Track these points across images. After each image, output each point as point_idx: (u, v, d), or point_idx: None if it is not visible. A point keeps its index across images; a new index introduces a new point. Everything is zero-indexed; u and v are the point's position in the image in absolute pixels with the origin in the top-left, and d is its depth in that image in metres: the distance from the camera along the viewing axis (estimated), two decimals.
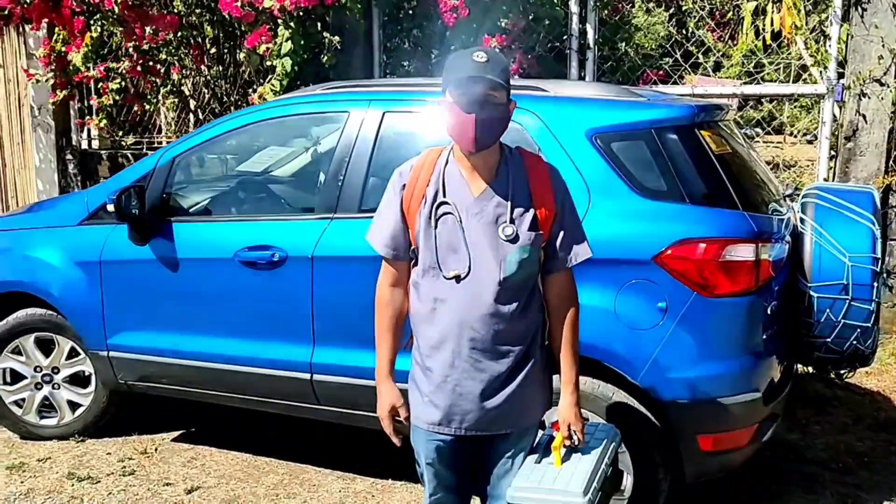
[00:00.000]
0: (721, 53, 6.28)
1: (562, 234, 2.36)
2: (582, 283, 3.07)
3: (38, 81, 6.23)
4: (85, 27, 5.54)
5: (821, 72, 5.64)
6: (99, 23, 5.60)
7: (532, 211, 2.32)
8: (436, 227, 2.31)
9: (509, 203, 2.30)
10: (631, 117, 3.23)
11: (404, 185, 2.37)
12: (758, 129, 6.65)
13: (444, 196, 2.32)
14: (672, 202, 3.10)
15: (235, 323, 3.67)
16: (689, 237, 3.02)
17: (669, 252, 3.02)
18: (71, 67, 5.76)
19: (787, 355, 3.41)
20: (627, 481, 3.16)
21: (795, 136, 7.05)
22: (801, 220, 3.41)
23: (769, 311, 3.15)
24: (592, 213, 3.14)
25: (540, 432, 2.54)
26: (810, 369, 3.74)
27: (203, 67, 6.48)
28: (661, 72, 6.35)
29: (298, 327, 3.52)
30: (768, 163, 6.20)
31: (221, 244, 3.65)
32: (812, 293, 3.28)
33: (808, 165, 6.11)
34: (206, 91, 6.96)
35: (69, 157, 7.40)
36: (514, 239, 2.29)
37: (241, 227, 3.69)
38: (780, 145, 7.42)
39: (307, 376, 3.54)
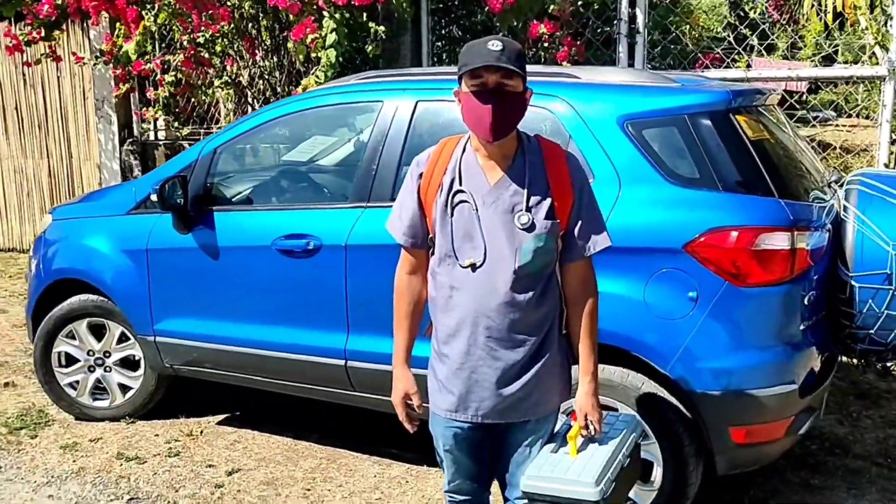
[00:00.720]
0: (776, 36, 6.08)
1: (580, 222, 2.34)
2: (611, 271, 3.08)
3: (84, 65, 6.42)
4: (138, 17, 5.69)
5: (883, 53, 5.43)
6: (151, 13, 5.75)
7: (549, 199, 2.30)
8: (452, 215, 2.32)
9: (525, 191, 2.29)
10: (663, 103, 3.17)
11: (421, 174, 2.38)
12: (832, 112, 6.45)
13: (461, 184, 2.32)
14: (705, 190, 3.04)
15: (273, 310, 3.75)
16: (722, 225, 2.96)
17: (701, 240, 2.96)
18: (122, 57, 5.92)
19: (828, 347, 3.31)
20: (657, 472, 3.13)
21: (869, 119, 6.82)
22: (844, 208, 3.30)
23: (807, 302, 3.07)
24: (623, 202, 3.10)
25: (560, 421, 2.53)
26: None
27: (257, 58, 6.58)
28: (715, 55, 6.20)
29: (333, 314, 3.58)
30: (831, 147, 6.02)
31: (260, 232, 3.73)
32: (853, 283, 3.18)
33: (867, 150, 5.89)
34: (260, 82, 7.08)
35: (130, 148, 7.63)
36: (530, 227, 2.28)
37: (279, 216, 3.76)
38: (852, 129, 7.19)
39: (342, 363, 3.60)
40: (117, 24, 6.37)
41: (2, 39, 6.92)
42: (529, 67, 3.96)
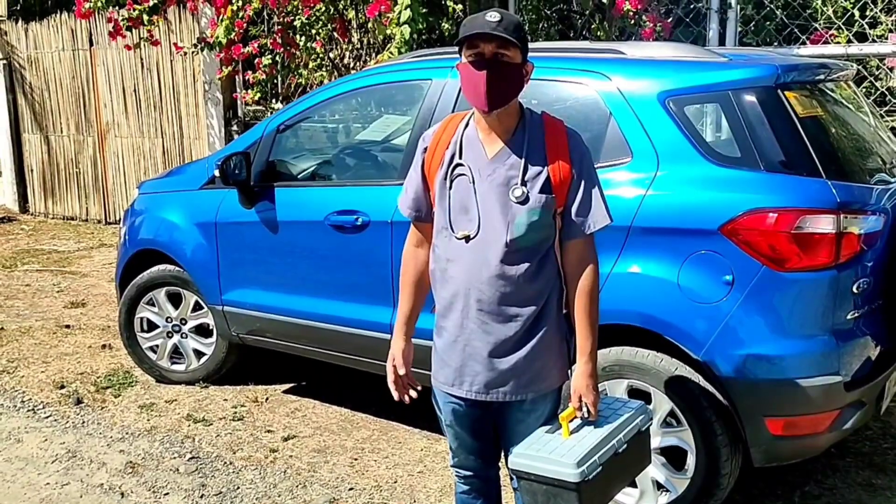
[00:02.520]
0: (882, 8, 5.66)
1: (579, 199, 2.31)
2: (645, 252, 3.02)
3: (185, 54, 6.75)
4: (227, 1, 5.94)
5: None
6: None
7: (546, 174, 2.28)
8: (450, 187, 2.34)
9: (522, 165, 2.28)
10: (706, 79, 3.05)
11: (426, 149, 2.41)
12: None
13: (460, 157, 2.34)
14: (745, 169, 2.91)
15: (326, 283, 3.88)
16: (760, 206, 2.83)
17: (738, 222, 2.85)
18: (216, 42, 6.20)
19: (886, 338, 3.10)
20: (690, 460, 3.05)
21: None
22: None
23: (857, 289, 2.89)
24: (659, 181, 3.02)
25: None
26: None
27: (350, 39, 6.74)
28: (815, 32, 5.85)
29: (380, 289, 3.65)
30: None
31: (315, 208, 3.85)
32: None
33: None
34: (352, 61, 7.25)
35: (234, 127, 7.99)
36: (523, 201, 2.26)
37: (332, 192, 3.87)
38: None
39: (388, 336, 3.64)
40: (222, 13, 6.68)
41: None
42: (574, 43, 3.92)
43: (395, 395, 2.54)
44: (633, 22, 5.83)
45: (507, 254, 2.28)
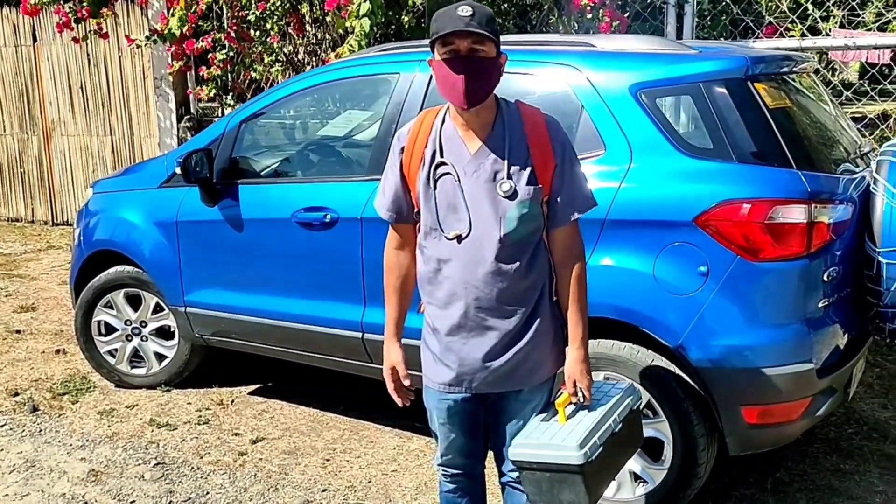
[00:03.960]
0: (834, 2, 5.78)
1: (563, 187, 2.30)
2: (620, 244, 3.01)
3: (137, 47, 6.59)
4: None
5: None
6: None
7: (530, 165, 2.26)
8: (435, 188, 2.29)
9: (506, 159, 2.25)
10: (677, 71, 3.06)
11: (403, 149, 2.36)
12: None
13: (442, 156, 2.29)
14: (718, 161, 2.93)
15: (294, 282, 3.80)
16: (733, 198, 2.85)
17: (711, 213, 2.86)
18: (168, 34, 6.05)
19: (853, 326, 3.16)
20: (667, 451, 3.06)
21: None
22: (874, 180, 3.13)
23: (827, 278, 2.93)
24: (633, 173, 3.02)
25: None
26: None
27: (305, 33, 6.64)
28: (769, 26, 5.94)
29: (350, 287, 3.60)
30: None
31: (280, 205, 3.77)
32: (881, 259, 3.02)
33: None
34: (308, 57, 7.14)
35: (187, 124, 7.81)
36: (512, 195, 2.24)
37: (298, 189, 3.80)
38: None
39: (359, 335, 3.62)
40: (172, 5, 6.51)
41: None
42: (547, 36, 3.91)
43: (399, 402, 2.50)
44: (590, 16, 5.84)
45: (502, 249, 2.25)
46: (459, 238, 2.27)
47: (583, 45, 3.32)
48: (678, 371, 2.99)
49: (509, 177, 2.24)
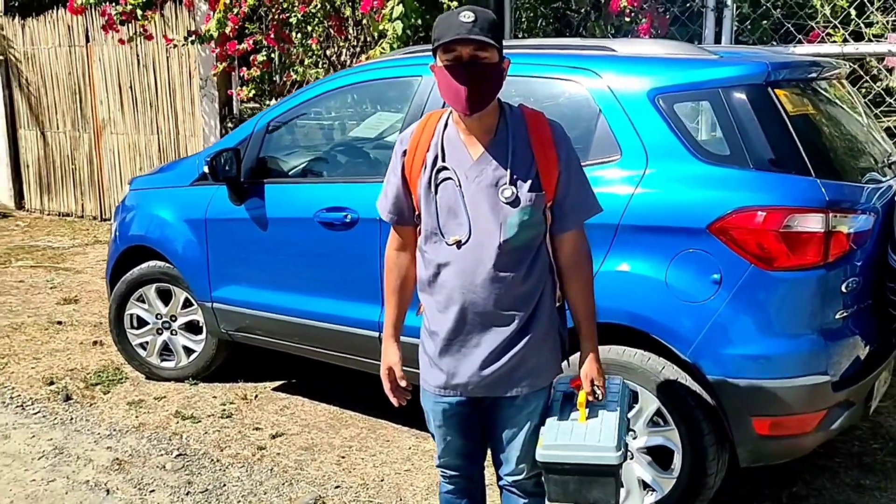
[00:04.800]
0: (878, 7, 5.63)
1: (568, 192, 2.29)
2: (633, 250, 3.00)
3: (175, 46, 6.74)
4: None
5: None
6: None
7: (534, 171, 2.26)
8: (436, 192, 2.30)
9: (509, 165, 2.25)
10: (696, 76, 3.03)
11: (405, 152, 2.37)
12: None
13: (444, 161, 2.30)
14: (734, 167, 2.89)
15: (314, 280, 3.86)
16: (748, 205, 2.80)
17: (725, 221, 2.82)
18: (206, 36, 6.18)
19: (876, 338, 3.08)
20: (676, 460, 3.03)
21: None
22: None
23: (846, 288, 2.87)
24: (648, 179, 3.00)
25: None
26: None
27: (343, 35, 6.72)
28: (812, 32, 5.81)
29: (368, 287, 3.63)
30: None
31: (303, 205, 3.83)
32: None
33: None
34: (349, 59, 7.23)
35: (230, 124, 7.96)
36: (514, 202, 2.24)
37: (321, 189, 3.85)
38: None
39: (376, 334, 3.65)
40: (214, 7, 6.66)
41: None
42: (565, 40, 3.90)
43: (395, 402, 2.52)
44: (629, 20, 5.80)
45: (501, 256, 2.25)
46: (459, 244, 2.28)
47: (603, 50, 3.30)
48: (689, 379, 2.95)
49: (512, 183, 2.24)
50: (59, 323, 5.82)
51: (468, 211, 2.27)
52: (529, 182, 2.25)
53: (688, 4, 5.93)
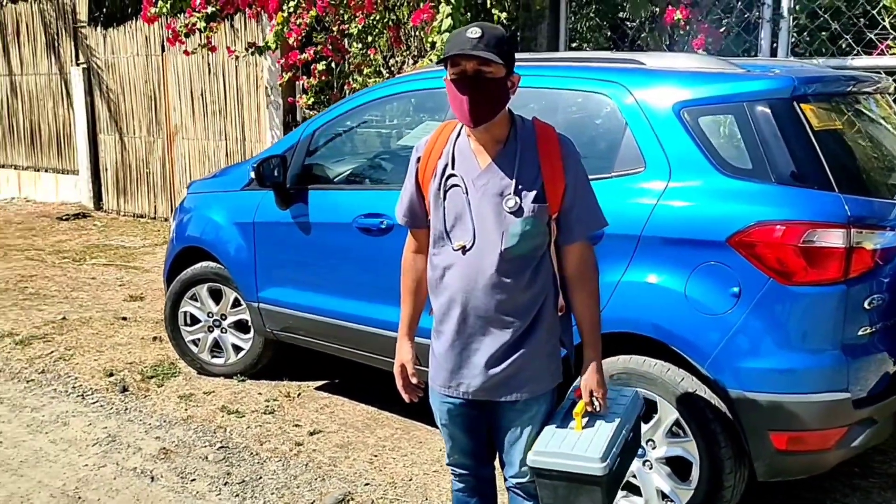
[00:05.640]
0: None
1: (574, 205, 2.36)
2: (653, 262, 3.04)
3: (237, 58, 6.99)
4: (278, 8, 6.16)
5: None
6: (290, 4, 6.19)
7: (539, 183, 2.33)
8: (444, 198, 2.40)
9: (514, 175, 2.33)
10: (722, 90, 3.04)
11: (419, 158, 2.48)
12: None
13: (453, 168, 2.40)
14: (756, 181, 2.90)
15: (352, 284, 3.99)
16: (767, 219, 2.81)
17: (745, 234, 2.84)
18: (265, 47, 6.42)
19: None
20: (694, 472, 3.04)
21: None
22: None
23: (868, 305, 2.84)
24: (670, 191, 3.03)
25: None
26: None
27: (400, 46, 6.89)
28: (870, 41, 5.69)
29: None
30: None
31: (344, 211, 3.97)
32: None
33: None
34: (410, 69, 7.39)
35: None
36: (517, 211, 2.32)
37: (360, 196, 3.99)
38: None
39: None
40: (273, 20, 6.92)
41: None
42: (597, 53, 3.94)
43: (406, 398, 2.63)
44: (682, 32, 5.78)
45: (502, 263, 2.33)
46: (464, 249, 2.37)
47: (631, 63, 3.34)
48: (707, 391, 2.96)
49: (516, 193, 2.32)
50: (124, 319, 6.11)
51: (473, 218, 2.36)
52: (534, 193, 2.32)
53: (745, 16, 5.88)
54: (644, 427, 3.09)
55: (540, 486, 2.41)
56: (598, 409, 2.44)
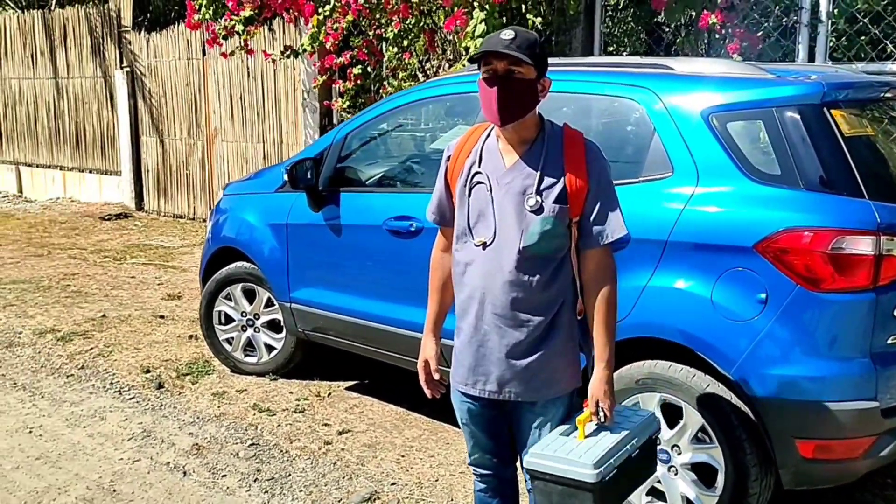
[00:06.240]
0: None
1: (595, 210, 2.37)
2: (680, 267, 3.04)
3: (273, 61, 7.08)
4: (314, 12, 6.25)
5: None
6: (327, 7, 6.27)
7: (561, 184, 2.35)
8: (469, 194, 2.45)
9: (538, 175, 2.36)
10: (751, 96, 3.04)
11: (449, 157, 2.54)
12: None
13: (479, 167, 2.44)
14: (784, 187, 2.89)
15: (382, 285, 4.05)
16: (795, 225, 2.80)
17: (772, 240, 2.82)
18: (300, 49, 6.51)
19: None
20: (719, 478, 3.03)
21: None
22: None
23: None
24: (698, 196, 3.03)
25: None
26: None
27: (435, 50, 6.93)
28: None
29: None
30: None
31: (374, 213, 4.03)
32: None
33: None
34: (442, 73, 7.44)
35: None
36: (537, 210, 2.35)
37: (391, 198, 4.04)
38: None
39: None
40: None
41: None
42: (624, 59, 3.94)
43: (428, 394, 2.67)
44: (718, 36, 5.75)
45: (521, 261, 2.36)
46: (484, 245, 2.41)
47: (661, 68, 3.34)
48: (733, 398, 2.95)
49: (538, 192, 2.35)
50: (162, 317, 6.24)
51: (496, 215, 2.39)
52: (556, 194, 2.35)
53: (782, 21, 5.82)
54: (669, 433, 3.10)
55: (535, 490, 2.42)
56: (602, 419, 2.43)
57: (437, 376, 2.64)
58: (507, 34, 2.30)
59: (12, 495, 3.62)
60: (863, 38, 5.68)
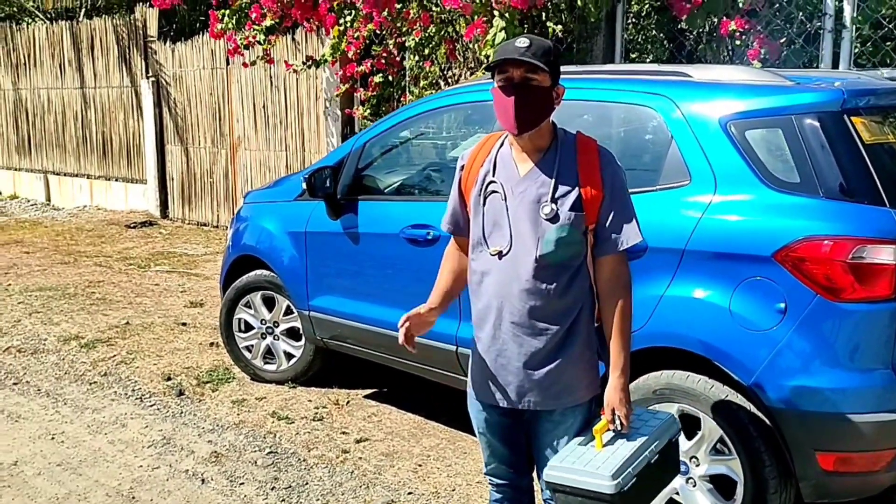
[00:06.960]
0: None
1: (610, 217, 2.36)
2: (698, 276, 3.01)
3: (295, 71, 7.13)
4: (335, 22, 6.28)
5: None
6: (349, 17, 6.31)
7: (576, 192, 2.34)
8: (484, 204, 2.45)
9: (552, 183, 2.35)
10: (769, 103, 3.00)
11: (463, 167, 2.53)
12: None
13: (494, 175, 2.44)
14: (803, 195, 2.85)
15: (398, 293, 4.04)
16: (815, 234, 2.76)
17: (791, 249, 2.79)
18: (320, 59, 6.55)
19: None
20: (738, 490, 2.98)
21: None
22: None
23: None
24: (716, 204, 3.00)
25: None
26: None
27: (456, 58, 6.94)
28: None
29: None
30: None
31: (392, 221, 4.03)
32: None
33: None
34: (462, 81, 7.44)
35: None
36: (553, 218, 2.34)
37: (408, 207, 4.04)
38: None
39: (453, 348, 3.79)
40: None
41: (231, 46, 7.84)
42: (642, 66, 3.92)
43: (410, 348, 2.58)
44: (738, 42, 5.70)
45: (537, 269, 2.35)
46: (500, 254, 2.40)
47: (678, 76, 3.32)
48: (752, 408, 2.91)
49: (553, 200, 2.34)
50: (184, 324, 6.28)
51: (511, 224, 2.39)
52: (571, 202, 2.34)
53: (806, 27, 5.76)
54: (687, 444, 3.06)
55: (556, 502, 2.40)
56: (618, 428, 2.41)
57: (413, 331, 2.56)
58: (523, 42, 2.29)
59: (33, 501, 3.66)
60: (888, 43, 5.60)
